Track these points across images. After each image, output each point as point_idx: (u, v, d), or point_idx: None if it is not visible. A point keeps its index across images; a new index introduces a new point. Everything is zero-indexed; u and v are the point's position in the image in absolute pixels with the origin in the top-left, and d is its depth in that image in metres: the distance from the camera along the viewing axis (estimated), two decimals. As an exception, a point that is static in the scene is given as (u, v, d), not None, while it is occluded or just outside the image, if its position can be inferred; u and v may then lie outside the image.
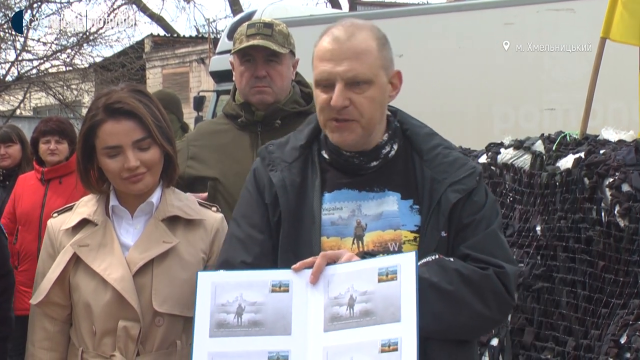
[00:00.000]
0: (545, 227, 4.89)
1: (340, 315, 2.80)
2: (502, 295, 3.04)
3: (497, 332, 4.91)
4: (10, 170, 8.04)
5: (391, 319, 2.74)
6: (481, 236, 3.07)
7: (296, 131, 3.34)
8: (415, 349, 2.68)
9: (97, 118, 3.44)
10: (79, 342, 3.52)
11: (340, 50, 3.05)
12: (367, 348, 2.73)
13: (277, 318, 2.86)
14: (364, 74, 3.04)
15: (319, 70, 3.09)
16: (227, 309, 2.90)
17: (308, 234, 3.10)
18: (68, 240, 3.53)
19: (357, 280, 2.82)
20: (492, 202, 3.19)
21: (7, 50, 25.08)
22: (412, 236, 3.08)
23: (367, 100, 3.05)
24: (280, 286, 2.90)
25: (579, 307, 4.63)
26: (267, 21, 4.60)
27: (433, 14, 12.37)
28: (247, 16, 13.31)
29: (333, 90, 3.03)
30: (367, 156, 3.15)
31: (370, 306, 2.78)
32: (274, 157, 3.24)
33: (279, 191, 3.15)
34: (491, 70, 11.09)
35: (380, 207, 3.12)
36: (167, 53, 30.18)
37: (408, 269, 2.78)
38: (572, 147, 5.04)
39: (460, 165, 3.14)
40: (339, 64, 3.03)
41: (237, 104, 4.66)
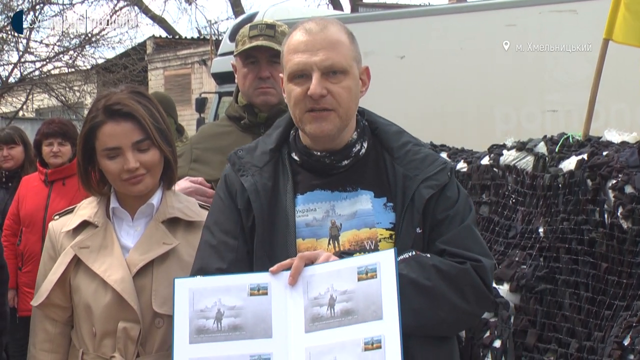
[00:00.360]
0: (548, 228, 4.89)
1: (321, 316, 2.80)
2: (480, 289, 3.06)
3: (499, 333, 4.91)
4: (13, 172, 8.05)
5: (373, 317, 2.74)
6: (456, 231, 3.09)
7: (264, 135, 3.34)
8: (399, 345, 2.69)
9: (96, 120, 3.46)
10: (79, 343, 3.54)
11: (314, 40, 3.08)
12: (350, 347, 2.73)
13: (257, 321, 2.86)
14: (340, 62, 3.06)
15: (293, 62, 3.09)
16: (206, 314, 2.89)
17: (283, 237, 3.10)
18: (69, 242, 3.55)
19: (337, 280, 2.82)
20: (464, 197, 3.21)
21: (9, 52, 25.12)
22: (387, 234, 3.09)
23: (344, 90, 3.06)
24: (258, 289, 2.90)
25: (582, 308, 4.63)
26: (269, 22, 4.61)
27: (435, 15, 12.36)
28: (249, 18, 13.31)
29: (309, 81, 3.05)
30: (337, 155, 3.15)
31: (351, 305, 2.78)
32: (244, 162, 3.23)
33: (251, 196, 3.14)
34: (493, 71, 11.08)
35: (354, 206, 3.13)
36: (169, 55, 30.19)
37: (388, 266, 2.78)
38: (575, 149, 5.03)
39: (431, 162, 3.15)
40: (315, 54, 3.05)
41: (240, 105, 4.66)
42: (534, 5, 11.03)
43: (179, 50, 30.03)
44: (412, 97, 11.44)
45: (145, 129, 3.42)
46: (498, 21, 11.17)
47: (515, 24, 10.97)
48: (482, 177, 5.44)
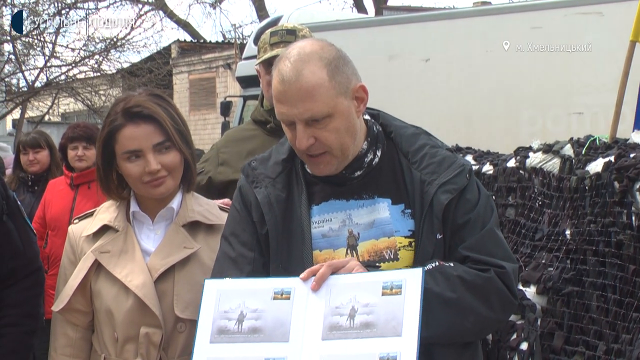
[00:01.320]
0: (575, 231, 4.86)
1: (340, 325, 2.79)
2: (505, 296, 3.02)
3: (526, 336, 4.88)
4: (39, 176, 8.08)
5: (392, 333, 2.72)
6: (479, 236, 3.03)
7: (278, 144, 3.30)
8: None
9: (116, 123, 3.44)
10: (101, 348, 3.53)
11: (290, 92, 2.97)
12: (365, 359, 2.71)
13: (276, 325, 2.85)
14: (320, 111, 2.96)
15: (277, 111, 3.04)
16: (229, 315, 2.90)
17: (299, 250, 3.08)
18: (89, 246, 3.54)
19: (360, 292, 2.81)
20: (485, 198, 3.14)
21: (36, 57, 25.25)
22: (406, 241, 3.05)
23: (331, 133, 2.99)
24: (282, 293, 2.89)
25: (609, 311, 4.60)
26: (290, 27, 4.61)
27: (460, 18, 12.33)
28: (273, 21, 13.33)
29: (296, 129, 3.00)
30: (349, 168, 3.11)
31: (372, 318, 2.76)
32: (257, 173, 3.21)
33: (264, 208, 3.12)
34: (518, 74, 11.04)
35: (372, 214, 3.08)
36: (193, 58, 30.32)
37: (413, 284, 2.76)
38: (602, 151, 5.00)
39: (448, 165, 3.08)
40: (294, 105, 2.96)
41: (266, 110, 4.67)
42: (559, 8, 10.99)
43: (204, 54, 30.15)
44: (437, 100, 11.42)
45: (165, 131, 3.41)
46: (523, 23, 11.14)
47: (540, 26, 10.93)
48: (508, 180, 5.41)
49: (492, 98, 11.21)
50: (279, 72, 3.01)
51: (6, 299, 3.68)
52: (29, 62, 25.20)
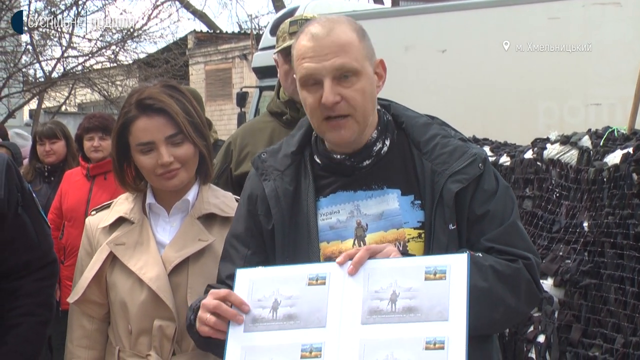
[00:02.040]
0: (593, 223, 4.84)
1: (381, 310, 2.73)
2: (532, 288, 3.00)
3: (543, 328, 4.87)
4: (55, 166, 8.09)
5: (438, 318, 2.67)
6: (502, 229, 3.00)
7: (288, 136, 3.27)
8: (464, 349, 2.61)
9: (129, 115, 3.45)
10: (116, 341, 3.54)
11: (321, 45, 2.96)
12: (410, 344, 2.66)
13: (312, 311, 2.80)
14: (350, 64, 2.95)
15: (302, 69, 2.99)
16: (263, 303, 2.85)
17: (305, 242, 3.06)
18: (105, 238, 3.55)
19: (402, 277, 2.75)
20: (504, 189, 3.09)
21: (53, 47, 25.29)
22: (415, 233, 3.02)
23: (358, 93, 2.97)
24: (317, 279, 2.83)
25: (627, 304, 4.58)
26: (309, 17, 4.60)
27: (476, 9, 12.26)
28: (290, 12, 13.30)
29: (321, 89, 2.96)
30: (357, 156, 3.07)
31: (415, 303, 2.71)
32: (266, 165, 3.18)
33: (270, 202, 3.10)
34: (535, 65, 10.99)
35: (381, 205, 3.05)
36: (209, 49, 30.32)
37: (459, 269, 2.71)
38: (620, 142, 4.98)
39: (460, 154, 3.04)
40: (324, 58, 2.95)
41: (282, 101, 4.66)
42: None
43: (220, 45, 30.15)
44: (454, 91, 11.38)
45: (177, 123, 3.41)
46: (541, 14, 11.09)
47: (558, 17, 10.88)
48: (525, 171, 5.40)
49: (508, 89, 11.16)
50: (307, 32, 3.01)
51: (20, 290, 3.68)
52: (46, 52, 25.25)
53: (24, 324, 3.66)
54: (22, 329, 3.66)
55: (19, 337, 3.65)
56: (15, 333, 3.63)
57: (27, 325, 3.67)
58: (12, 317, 3.66)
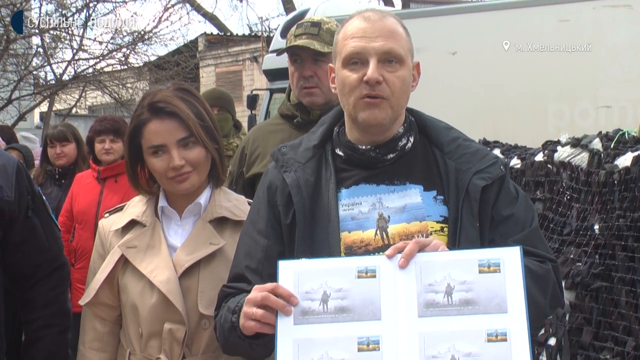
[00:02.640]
0: (604, 225, 4.84)
1: (437, 302, 2.74)
2: (557, 290, 3.07)
3: (554, 331, 4.87)
4: (66, 169, 8.12)
5: (496, 310, 2.69)
6: (527, 232, 3.05)
7: (309, 133, 3.30)
8: (527, 341, 2.65)
9: (142, 117, 3.47)
10: (127, 343, 3.55)
11: (373, 27, 3.05)
12: (471, 336, 2.68)
13: (364, 304, 2.78)
14: (397, 50, 3.04)
15: (350, 47, 3.06)
16: (312, 296, 2.82)
17: (324, 231, 3.07)
18: (117, 240, 3.56)
19: (455, 269, 2.76)
20: (524, 196, 3.18)
21: (64, 50, 25.32)
22: (438, 227, 3.05)
23: (398, 80, 3.04)
24: (366, 272, 2.81)
25: (638, 306, 4.57)
26: (315, 20, 4.61)
27: (487, 11, 12.26)
28: (300, 14, 13.32)
29: (364, 68, 3.02)
30: (383, 148, 3.12)
31: (472, 296, 2.72)
32: (287, 158, 3.21)
33: (292, 191, 3.11)
34: (546, 67, 10.97)
35: (403, 199, 3.08)
36: (220, 52, 30.33)
37: (513, 262, 2.74)
38: (631, 145, 4.97)
39: (482, 156, 3.12)
40: (373, 40, 3.03)
41: (293, 104, 4.67)
42: (587, 0, 10.91)
43: (231, 47, 30.15)
44: (464, 93, 11.37)
45: (189, 127, 3.41)
46: (551, 16, 11.07)
47: (568, 19, 10.86)
48: (536, 174, 5.40)
49: (519, 91, 11.15)
50: (361, 15, 3.11)
51: (34, 301, 3.71)
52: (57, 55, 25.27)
53: (45, 337, 3.70)
54: (45, 343, 3.70)
55: (44, 351, 3.69)
56: (39, 347, 3.68)
57: (49, 338, 3.71)
58: (33, 331, 3.70)
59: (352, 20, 3.12)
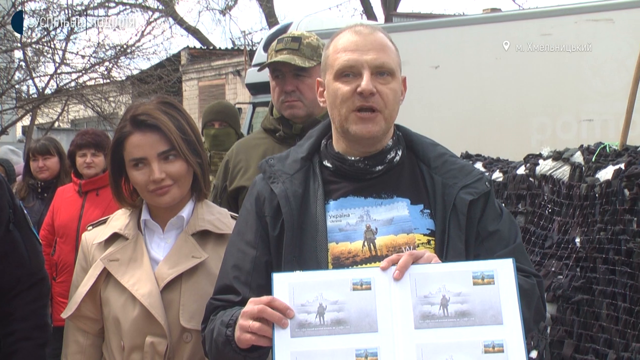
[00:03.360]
0: (585, 238, 4.85)
1: (433, 314, 2.76)
2: (541, 305, 3.09)
3: (536, 344, 4.87)
4: (49, 182, 8.09)
5: (492, 322, 2.72)
6: (512, 247, 3.08)
7: (296, 145, 3.32)
8: (524, 352, 2.67)
9: (124, 130, 3.47)
10: (109, 356, 3.54)
11: (365, 41, 3.09)
12: (468, 348, 2.70)
13: (361, 316, 2.80)
14: (389, 64, 3.08)
15: (343, 60, 3.08)
16: (308, 309, 2.83)
17: (312, 242, 3.07)
18: (100, 253, 3.55)
19: (449, 282, 2.78)
20: (507, 213, 3.22)
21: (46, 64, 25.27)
22: (425, 239, 3.06)
23: (391, 92, 3.07)
24: (361, 284, 2.83)
25: (619, 319, 4.58)
26: (295, 35, 4.62)
27: (470, 25, 12.30)
28: (283, 28, 13.33)
29: (357, 80, 3.04)
30: (372, 160, 3.14)
31: (467, 307, 2.75)
32: (275, 170, 3.22)
33: (281, 201, 3.12)
34: (528, 81, 11.02)
35: (390, 212, 3.10)
36: (203, 65, 30.33)
37: (506, 274, 2.77)
38: (612, 158, 4.99)
39: (468, 172, 3.16)
40: (366, 53, 3.06)
41: (275, 118, 4.68)
42: (570, 15, 10.95)
43: (213, 61, 30.16)
44: (447, 107, 11.41)
45: (170, 140, 3.42)
46: (533, 30, 11.12)
47: (551, 34, 10.91)
48: (518, 187, 5.41)
49: (501, 105, 11.18)
50: (352, 29, 3.16)
51: (14, 314, 3.69)
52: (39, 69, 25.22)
53: (22, 350, 3.68)
54: (22, 356, 3.67)
55: None
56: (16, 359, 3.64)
57: (27, 351, 3.68)
58: (10, 344, 3.68)
59: (343, 34, 3.15)
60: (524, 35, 11.17)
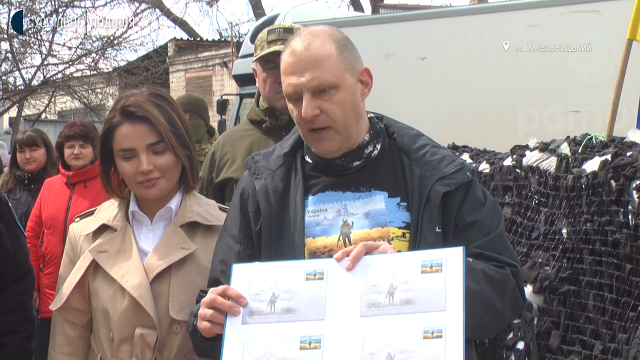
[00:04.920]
0: (571, 229, 4.86)
1: (379, 302, 2.77)
2: (517, 295, 3.08)
3: (522, 335, 4.88)
4: (36, 174, 8.07)
5: (435, 308, 2.72)
6: (490, 238, 3.08)
7: (283, 140, 3.36)
8: (461, 338, 2.66)
9: (114, 120, 3.46)
10: (97, 348, 3.53)
11: (299, 61, 3.06)
12: (408, 334, 2.70)
13: (310, 305, 2.83)
14: (327, 80, 3.04)
15: (284, 85, 3.10)
16: (261, 297, 2.88)
17: (290, 237, 3.11)
18: (88, 245, 3.54)
19: (399, 270, 2.80)
20: (492, 203, 3.20)
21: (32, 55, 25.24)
22: (400, 232, 3.08)
23: (336, 105, 3.05)
24: (315, 274, 2.87)
25: (606, 310, 4.59)
26: (287, 26, 4.61)
27: (456, 16, 12.32)
28: (270, 20, 13.32)
29: (302, 102, 3.05)
30: (349, 156, 3.15)
31: (412, 295, 2.75)
32: (259, 166, 3.26)
33: (260, 197, 3.16)
34: (515, 72, 11.04)
35: (367, 206, 3.12)
36: (190, 57, 30.31)
37: (454, 262, 2.77)
38: (598, 150, 5.00)
39: (449, 162, 3.14)
40: (302, 74, 3.04)
41: (262, 109, 4.67)
42: (556, 6, 10.98)
43: (200, 53, 30.14)
44: (434, 99, 11.42)
45: (159, 132, 3.41)
46: (520, 22, 11.14)
47: (537, 25, 10.93)
48: (504, 178, 5.41)
49: (488, 96, 11.21)
50: (289, 47, 3.11)
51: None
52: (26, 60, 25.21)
53: (8, 343, 3.67)
54: (7, 349, 3.67)
55: (8, 356, 3.66)
56: (2, 353, 3.65)
57: (13, 344, 3.68)
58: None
59: (284, 52, 3.13)
60: (511, 27, 11.19)
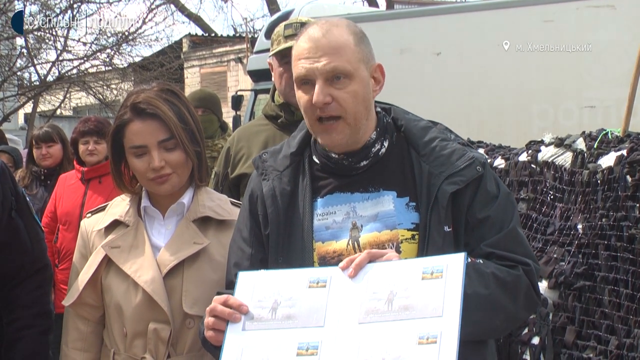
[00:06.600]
0: (587, 225, 4.84)
1: (378, 309, 2.77)
2: (531, 294, 3.02)
3: (538, 330, 4.88)
4: (52, 170, 8.10)
5: (432, 314, 2.70)
6: (502, 235, 3.01)
7: (290, 137, 3.31)
8: (455, 344, 2.62)
9: (125, 117, 3.47)
10: (110, 343, 3.54)
11: (317, 46, 3.01)
12: (404, 340, 2.69)
13: (310, 312, 2.84)
14: (343, 67, 2.99)
15: (297, 69, 3.04)
16: (263, 304, 2.89)
17: (299, 241, 3.08)
18: (100, 241, 3.55)
19: (399, 278, 2.79)
20: (506, 195, 3.11)
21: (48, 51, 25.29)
22: (409, 234, 3.03)
23: (349, 95, 3.00)
24: (317, 282, 2.88)
25: (621, 305, 4.58)
26: (303, 20, 4.60)
27: (471, 11, 12.30)
28: (285, 15, 13.31)
29: (314, 89, 3.00)
30: (355, 156, 3.10)
31: (410, 301, 2.74)
32: (266, 165, 3.22)
33: (267, 201, 3.13)
34: (530, 67, 11.01)
35: (376, 207, 3.07)
36: (205, 52, 30.31)
37: (455, 268, 2.74)
38: (614, 145, 4.97)
39: (458, 157, 3.06)
40: (317, 60, 2.99)
41: (277, 104, 4.67)
42: (571, 1, 10.95)
43: (215, 48, 30.13)
44: (449, 94, 11.40)
45: (170, 129, 3.41)
46: (535, 17, 11.11)
47: (552, 20, 10.90)
48: (519, 174, 5.40)
49: (503, 92, 11.19)
50: (306, 33, 3.07)
51: (16, 301, 3.70)
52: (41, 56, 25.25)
53: (25, 337, 3.68)
54: (24, 343, 3.68)
55: (25, 350, 3.67)
56: (19, 348, 3.66)
57: (29, 338, 3.69)
58: (13, 332, 3.68)
59: (300, 39, 3.08)
60: (526, 22, 11.16)
